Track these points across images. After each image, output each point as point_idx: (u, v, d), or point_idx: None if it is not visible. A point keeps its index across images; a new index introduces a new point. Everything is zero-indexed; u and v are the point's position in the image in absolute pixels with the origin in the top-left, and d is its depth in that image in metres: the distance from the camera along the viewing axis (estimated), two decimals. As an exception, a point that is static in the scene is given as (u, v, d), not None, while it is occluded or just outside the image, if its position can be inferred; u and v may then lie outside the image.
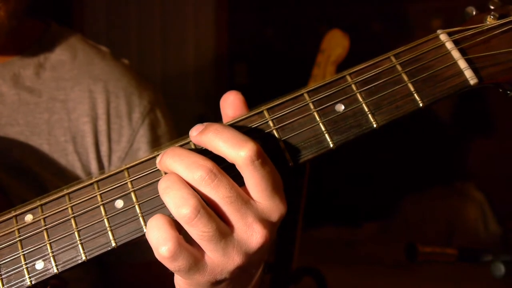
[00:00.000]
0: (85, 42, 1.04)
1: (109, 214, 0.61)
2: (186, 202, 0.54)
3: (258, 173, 0.56)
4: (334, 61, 1.84)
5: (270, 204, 0.57)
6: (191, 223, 0.54)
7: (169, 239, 0.55)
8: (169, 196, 0.55)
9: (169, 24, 4.12)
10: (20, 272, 0.62)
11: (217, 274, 0.57)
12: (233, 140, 0.56)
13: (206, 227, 0.54)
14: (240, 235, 0.57)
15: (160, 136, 1.00)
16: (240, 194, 0.56)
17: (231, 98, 0.62)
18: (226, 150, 0.56)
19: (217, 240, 0.55)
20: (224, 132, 0.57)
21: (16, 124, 0.92)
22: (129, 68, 1.04)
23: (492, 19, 0.64)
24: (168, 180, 0.56)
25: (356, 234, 3.68)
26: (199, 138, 0.58)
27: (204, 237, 0.55)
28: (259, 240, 0.57)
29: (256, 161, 0.55)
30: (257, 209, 0.57)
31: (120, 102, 0.97)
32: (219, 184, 0.55)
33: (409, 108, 0.61)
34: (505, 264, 1.13)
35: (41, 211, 0.62)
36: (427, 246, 1.26)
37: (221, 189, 0.56)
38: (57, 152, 0.93)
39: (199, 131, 0.58)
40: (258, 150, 0.56)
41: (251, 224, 0.56)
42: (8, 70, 0.95)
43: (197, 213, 0.54)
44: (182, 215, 0.54)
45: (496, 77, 0.62)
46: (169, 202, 0.55)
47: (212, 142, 0.57)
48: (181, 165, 0.56)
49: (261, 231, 0.57)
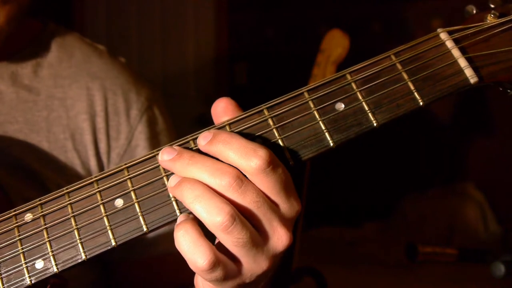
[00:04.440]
0: (82, 40, 1.04)
1: (108, 213, 0.61)
2: (221, 210, 0.54)
3: (271, 180, 0.56)
4: (334, 61, 1.84)
5: (287, 205, 0.58)
6: (227, 230, 0.54)
7: (205, 251, 0.55)
8: (201, 205, 0.55)
9: (169, 24, 4.11)
10: (20, 271, 0.62)
11: (246, 279, 0.58)
12: (243, 150, 0.56)
13: (241, 234, 0.55)
14: (269, 240, 0.57)
15: (158, 132, 1.00)
16: (265, 199, 0.56)
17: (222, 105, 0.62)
18: (237, 160, 0.56)
19: (250, 246, 0.56)
20: (233, 142, 0.57)
21: (15, 122, 0.92)
22: (126, 66, 1.04)
23: (492, 17, 0.64)
24: (196, 189, 0.56)
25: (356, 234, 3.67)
26: (208, 147, 0.58)
27: (239, 243, 0.55)
28: (285, 243, 0.57)
29: (267, 169, 0.56)
30: (279, 212, 0.57)
31: (117, 99, 0.98)
32: (246, 190, 0.56)
33: (409, 107, 0.61)
34: (505, 264, 1.13)
35: (41, 209, 0.62)
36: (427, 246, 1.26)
37: (248, 195, 0.56)
38: (56, 150, 0.93)
39: (207, 140, 0.58)
40: (268, 157, 0.56)
41: (276, 227, 0.57)
42: (6, 68, 0.95)
43: (233, 221, 0.54)
44: (219, 223, 0.54)
45: (496, 76, 0.62)
46: (202, 211, 0.55)
47: (222, 153, 0.57)
48: (206, 172, 0.56)
49: (285, 234, 0.57)
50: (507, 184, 3.55)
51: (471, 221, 3.59)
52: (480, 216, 3.60)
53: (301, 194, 1.87)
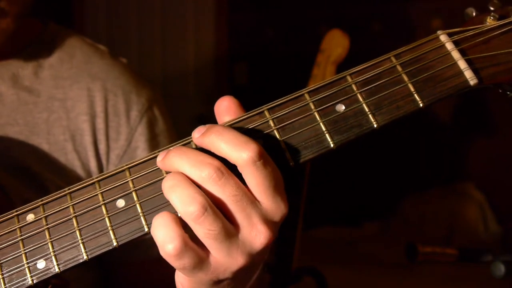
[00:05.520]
0: (83, 41, 1.04)
1: (110, 214, 0.61)
2: (193, 200, 0.54)
3: (260, 174, 0.56)
4: (334, 61, 1.84)
5: (273, 204, 0.57)
6: (198, 221, 0.55)
7: (175, 237, 0.55)
8: (175, 194, 0.55)
9: (169, 24, 4.12)
10: (22, 271, 0.62)
11: (220, 273, 0.58)
12: (235, 141, 0.56)
13: (212, 226, 0.55)
14: (245, 236, 0.57)
15: (158, 134, 1.00)
16: (246, 194, 0.56)
17: (225, 104, 0.62)
18: (228, 151, 0.56)
19: (223, 239, 0.55)
20: (226, 134, 0.57)
21: (16, 124, 0.93)
22: (127, 66, 1.04)
23: (492, 20, 0.64)
24: (174, 178, 0.56)
25: (356, 234, 3.68)
26: (201, 140, 0.58)
27: (210, 235, 0.55)
28: (263, 241, 0.57)
29: (258, 162, 0.56)
30: (261, 209, 0.57)
31: (118, 100, 0.98)
32: (226, 182, 0.56)
33: (410, 108, 0.62)
34: (505, 264, 1.13)
35: (43, 210, 0.63)
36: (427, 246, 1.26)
37: (227, 188, 0.56)
38: (56, 151, 0.93)
39: (201, 132, 0.58)
40: (260, 151, 0.56)
41: (256, 224, 0.57)
42: (7, 70, 0.95)
43: (204, 211, 0.54)
44: (189, 213, 0.54)
45: (496, 78, 0.62)
46: (175, 200, 0.55)
47: (214, 143, 0.57)
48: (187, 163, 0.57)
49: (265, 232, 0.57)
50: (507, 184, 3.55)
51: (471, 221, 3.59)
52: (480, 216, 3.60)
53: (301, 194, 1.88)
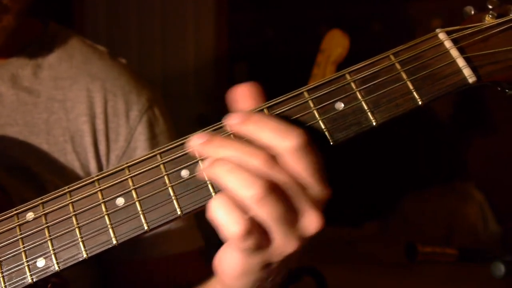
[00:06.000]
0: (83, 41, 1.04)
1: (110, 212, 0.61)
2: (254, 183, 0.55)
3: (307, 160, 0.56)
4: (334, 61, 1.85)
5: (319, 188, 0.58)
6: (260, 203, 0.55)
7: (241, 217, 0.55)
8: (235, 177, 0.55)
9: (169, 24, 4.11)
10: (21, 270, 0.62)
11: (273, 256, 0.58)
12: (279, 128, 0.56)
13: (274, 207, 0.55)
14: (301, 220, 0.58)
15: (158, 134, 1.00)
16: (295, 181, 0.57)
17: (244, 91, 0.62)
18: (272, 139, 0.56)
19: (282, 222, 0.56)
20: (268, 122, 0.57)
21: (15, 124, 0.93)
22: (127, 67, 1.04)
23: (490, 18, 0.64)
24: (228, 163, 0.56)
25: (355, 233, 3.68)
26: (240, 127, 0.58)
27: (271, 218, 0.56)
28: (317, 225, 0.58)
29: (303, 149, 0.56)
30: (310, 194, 0.58)
31: (117, 100, 0.98)
32: (275, 172, 0.56)
33: (408, 106, 0.62)
34: (505, 264, 1.13)
35: (42, 208, 0.63)
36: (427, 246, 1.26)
37: (279, 176, 0.56)
38: (56, 152, 0.93)
39: (239, 120, 0.58)
40: (305, 137, 0.56)
41: (308, 209, 0.58)
42: (6, 70, 0.95)
43: (266, 194, 0.55)
44: (251, 195, 0.55)
45: (495, 76, 0.63)
46: (235, 183, 0.55)
47: (255, 132, 0.57)
48: (234, 153, 0.57)
49: (318, 216, 0.58)
50: (507, 184, 3.55)
51: (471, 221, 3.59)
52: (480, 216, 3.60)
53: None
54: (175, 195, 0.61)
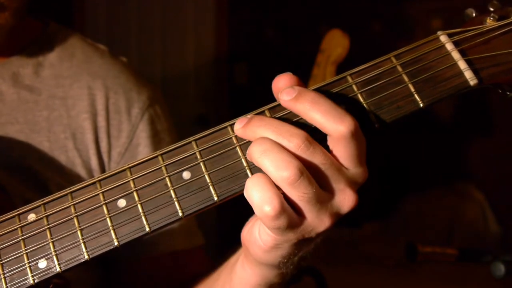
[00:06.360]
0: (83, 40, 1.04)
1: (111, 213, 0.61)
2: (289, 165, 0.55)
3: (353, 146, 0.58)
4: (334, 61, 1.84)
5: (359, 169, 0.59)
6: (294, 185, 0.56)
7: (273, 198, 0.56)
8: (269, 159, 0.56)
9: (169, 24, 4.12)
10: (23, 271, 0.62)
11: (306, 233, 0.59)
12: (332, 112, 0.57)
13: (307, 189, 0.56)
14: (334, 199, 0.59)
15: (159, 131, 1.00)
16: (333, 161, 0.58)
17: (284, 82, 0.61)
18: (323, 122, 0.57)
19: (315, 202, 0.57)
20: (322, 103, 0.58)
21: (16, 123, 0.93)
22: (127, 65, 1.04)
23: (492, 20, 0.64)
24: (264, 143, 0.57)
25: (356, 234, 3.67)
26: (293, 104, 0.59)
27: (304, 198, 0.56)
28: (350, 204, 0.59)
29: (353, 136, 0.57)
30: (348, 175, 0.59)
31: (119, 98, 0.98)
32: (314, 152, 0.57)
33: (410, 109, 0.62)
34: (505, 264, 1.13)
35: (44, 210, 0.63)
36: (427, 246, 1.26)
37: (316, 156, 0.57)
38: (57, 149, 0.93)
39: (293, 96, 0.58)
40: (356, 125, 0.57)
41: (344, 189, 0.59)
42: (7, 69, 0.96)
43: (300, 175, 0.55)
44: (285, 177, 0.55)
45: (496, 78, 0.63)
46: (269, 165, 0.56)
47: (308, 111, 0.58)
48: (273, 133, 0.57)
49: (352, 195, 0.59)
50: (507, 184, 3.55)
51: (471, 221, 3.59)
52: (480, 216, 3.60)
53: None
54: (176, 197, 0.61)
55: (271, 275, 0.66)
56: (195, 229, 1.02)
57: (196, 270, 0.95)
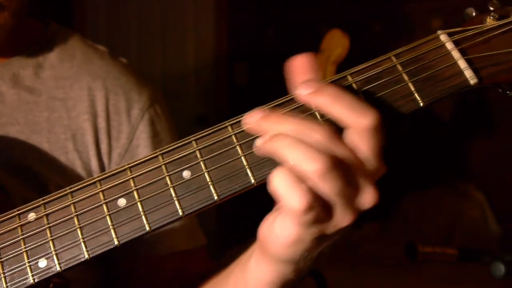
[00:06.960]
0: (83, 41, 1.04)
1: (111, 212, 0.61)
2: (317, 157, 0.54)
3: (374, 140, 0.57)
4: (334, 61, 1.85)
5: (378, 165, 0.59)
6: (324, 177, 0.54)
7: (303, 192, 0.55)
8: (297, 151, 0.55)
9: (169, 24, 4.12)
10: (23, 270, 0.62)
11: (328, 229, 0.59)
12: (355, 106, 0.57)
13: (337, 183, 0.55)
14: (358, 195, 0.58)
15: (159, 131, 1.00)
16: (355, 156, 0.57)
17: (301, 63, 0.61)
18: (345, 116, 0.57)
19: (343, 197, 0.56)
20: (344, 97, 0.57)
21: (16, 124, 0.93)
22: (127, 66, 1.04)
23: (492, 20, 0.64)
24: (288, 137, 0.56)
25: (356, 234, 3.68)
26: (312, 98, 0.58)
27: (332, 191, 0.55)
28: (372, 201, 0.59)
29: (376, 129, 0.56)
30: (369, 170, 0.58)
31: (119, 99, 0.98)
32: (339, 145, 0.56)
33: (410, 108, 0.62)
34: (505, 264, 1.13)
35: (44, 209, 0.63)
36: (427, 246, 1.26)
37: (341, 150, 0.56)
38: (57, 150, 0.93)
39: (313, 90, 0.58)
40: (379, 119, 0.56)
41: (366, 185, 0.58)
42: (8, 70, 0.96)
43: (330, 168, 0.54)
44: (314, 170, 0.54)
45: (496, 77, 0.63)
46: (298, 157, 0.55)
47: (329, 105, 0.57)
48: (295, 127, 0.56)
49: (374, 192, 0.59)
50: (507, 184, 3.56)
51: (471, 221, 3.59)
52: (480, 216, 3.61)
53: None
54: (176, 196, 0.61)
55: (288, 271, 0.65)
56: (197, 229, 1.02)
57: (199, 270, 0.94)
